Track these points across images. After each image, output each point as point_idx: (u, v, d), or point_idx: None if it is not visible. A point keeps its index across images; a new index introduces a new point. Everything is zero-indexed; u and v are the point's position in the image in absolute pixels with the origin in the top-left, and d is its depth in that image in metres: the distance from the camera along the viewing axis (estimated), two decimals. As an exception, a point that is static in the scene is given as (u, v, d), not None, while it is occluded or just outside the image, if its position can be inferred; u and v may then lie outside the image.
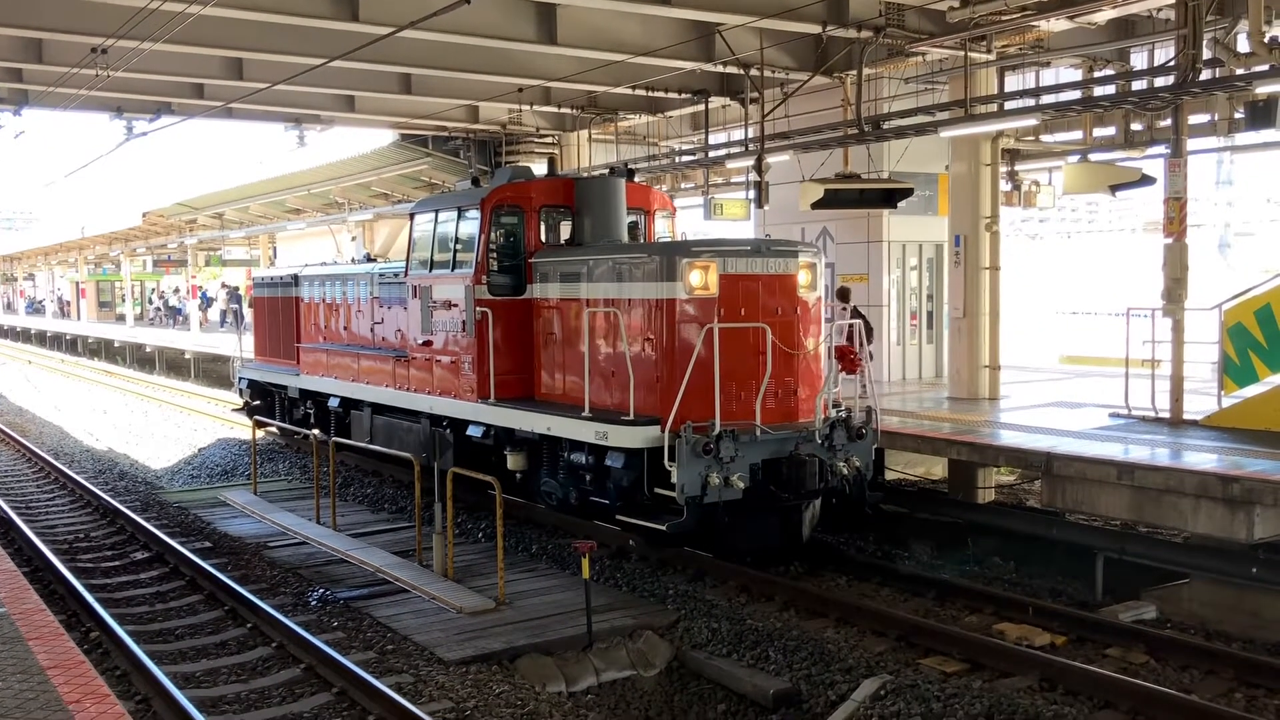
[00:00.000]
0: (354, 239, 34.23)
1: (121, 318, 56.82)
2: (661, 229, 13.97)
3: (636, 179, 14.28)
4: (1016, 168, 17.64)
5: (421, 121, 22.49)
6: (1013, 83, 17.14)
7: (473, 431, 13.03)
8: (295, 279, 18.36)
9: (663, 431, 10.32)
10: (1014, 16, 13.39)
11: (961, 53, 14.70)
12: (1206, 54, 12.75)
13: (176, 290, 59.46)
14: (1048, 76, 17.53)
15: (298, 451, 19.29)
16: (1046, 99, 15.54)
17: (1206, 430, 12.50)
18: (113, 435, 23.71)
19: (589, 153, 22.68)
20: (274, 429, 19.91)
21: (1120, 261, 57.09)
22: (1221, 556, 10.13)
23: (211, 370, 34.49)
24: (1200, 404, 13.28)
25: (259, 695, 8.28)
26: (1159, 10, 14.02)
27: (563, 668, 8.99)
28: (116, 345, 44.07)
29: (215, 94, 19.38)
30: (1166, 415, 13.13)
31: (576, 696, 8.79)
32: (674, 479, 10.14)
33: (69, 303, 66.93)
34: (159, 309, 58.81)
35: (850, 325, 12.90)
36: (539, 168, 15.40)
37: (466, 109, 21.92)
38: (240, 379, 20.69)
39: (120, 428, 24.79)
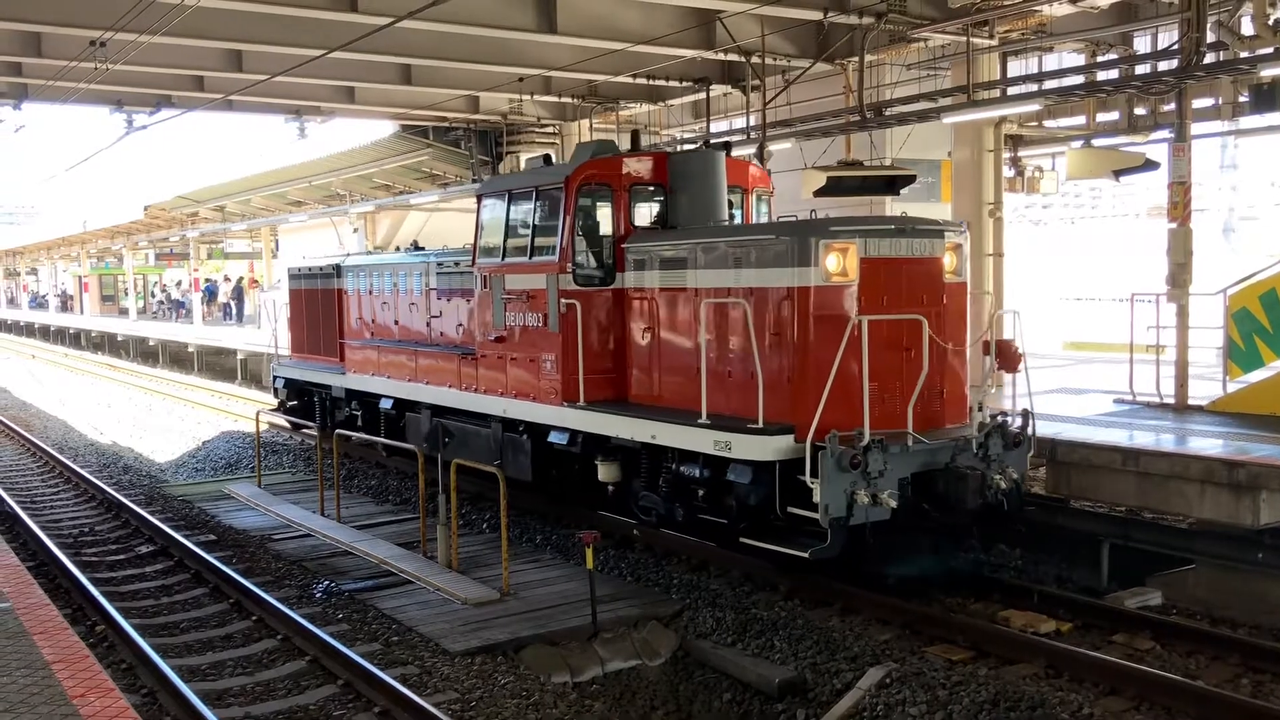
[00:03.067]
0: (355, 231, 34.22)
1: (125, 311, 56.85)
2: (761, 210, 12.51)
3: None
4: (1019, 153, 17.59)
5: (422, 112, 22.47)
6: (1015, 68, 17.12)
7: (555, 438, 11.70)
8: (337, 269, 17.35)
9: (798, 441, 8.99)
10: (1016, 1, 13.34)
11: (964, 38, 14.65)
12: (1210, 37, 12.68)
13: (179, 284, 59.48)
14: (1050, 61, 17.49)
15: (301, 444, 19.27)
16: (1049, 84, 15.49)
17: (1212, 416, 12.48)
18: (117, 429, 23.72)
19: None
20: (311, 431, 18.09)
21: (1124, 247, 56.99)
22: (1227, 542, 10.12)
23: (215, 364, 34.53)
24: (1205, 389, 13.25)
25: (264, 688, 8.29)
26: (1162, -7, 13.98)
27: (567, 658, 8.99)
28: (120, 339, 44.09)
29: (215, 86, 19.35)
30: (1171, 401, 13.10)
31: (581, 687, 8.78)
32: (816, 497, 8.73)
33: (72, 297, 67.01)
34: (162, 302, 58.84)
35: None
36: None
37: (467, 99, 21.89)
38: (275, 378, 19.32)
39: (124, 421, 24.80)
